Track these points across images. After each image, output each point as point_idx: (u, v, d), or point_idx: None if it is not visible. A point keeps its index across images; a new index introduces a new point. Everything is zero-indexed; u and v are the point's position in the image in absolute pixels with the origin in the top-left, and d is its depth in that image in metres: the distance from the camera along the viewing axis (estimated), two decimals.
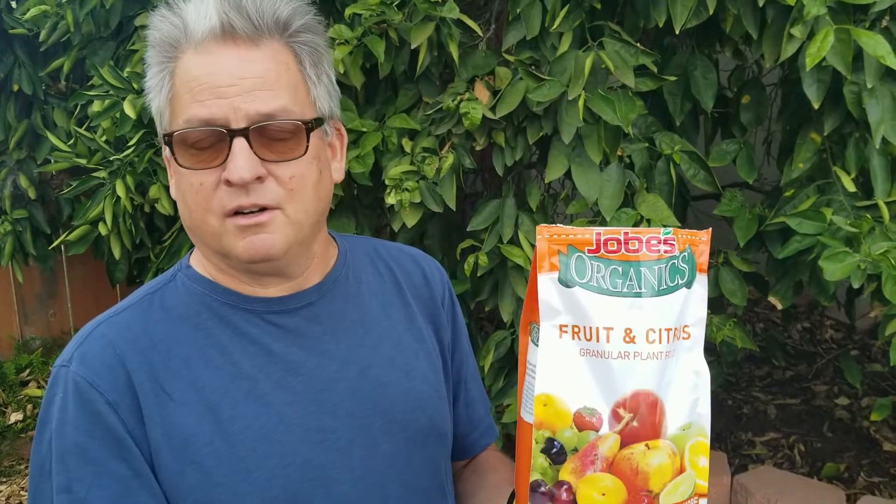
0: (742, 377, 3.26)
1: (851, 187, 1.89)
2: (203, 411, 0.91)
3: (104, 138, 2.21)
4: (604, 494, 0.82)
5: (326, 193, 0.97)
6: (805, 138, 1.93)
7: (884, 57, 1.65)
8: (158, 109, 0.95)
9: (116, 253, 2.41)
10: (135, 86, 2.09)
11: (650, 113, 2.02)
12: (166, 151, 0.94)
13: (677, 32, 1.73)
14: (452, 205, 1.99)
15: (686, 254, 0.84)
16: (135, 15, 2.22)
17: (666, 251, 0.83)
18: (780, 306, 2.06)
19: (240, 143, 0.88)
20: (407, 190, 1.96)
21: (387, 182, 1.97)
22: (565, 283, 0.84)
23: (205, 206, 0.91)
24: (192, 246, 1.04)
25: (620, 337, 0.82)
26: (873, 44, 1.66)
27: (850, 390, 3.06)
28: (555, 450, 0.83)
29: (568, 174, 1.93)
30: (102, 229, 2.32)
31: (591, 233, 0.83)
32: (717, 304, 2.13)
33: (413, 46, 1.88)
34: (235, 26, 0.89)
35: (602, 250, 0.83)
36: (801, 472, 2.66)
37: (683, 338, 0.85)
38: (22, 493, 2.97)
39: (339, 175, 1.02)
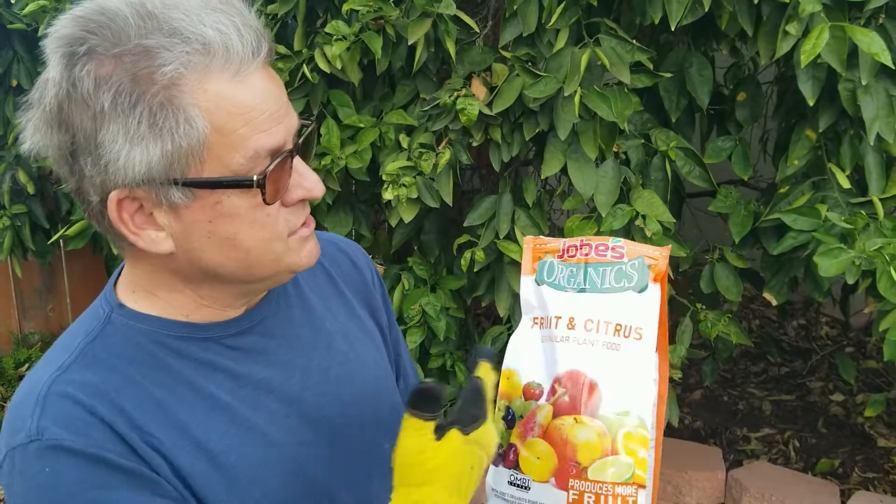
0: (738, 373, 3.27)
1: (846, 184, 1.90)
2: (193, 450, 0.86)
3: None
4: (538, 458, 0.95)
5: None
6: (800, 135, 1.94)
7: (878, 54, 1.66)
8: (168, 154, 0.78)
9: (114, 249, 2.41)
10: None
11: (646, 109, 2.02)
12: (213, 198, 0.81)
13: (673, 29, 1.74)
14: (449, 200, 2.00)
15: (637, 262, 0.97)
16: None
17: (613, 256, 0.98)
18: (774, 302, 2.07)
19: (299, 161, 0.86)
20: (404, 185, 1.97)
21: (384, 177, 1.98)
22: (538, 282, 1.01)
23: (269, 235, 0.85)
24: None
25: (565, 324, 0.97)
26: (868, 41, 1.66)
27: (845, 387, 3.07)
28: (509, 416, 0.98)
29: (564, 170, 1.94)
30: None
31: (560, 242, 1.00)
32: (712, 299, 2.14)
33: (410, 42, 1.89)
34: (271, 49, 0.84)
35: (565, 255, 1.00)
36: (795, 467, 2.67)
37: (635, 338, 0.96)
38: None
39: None
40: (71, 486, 0.80)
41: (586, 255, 0.98)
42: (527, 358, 0.99)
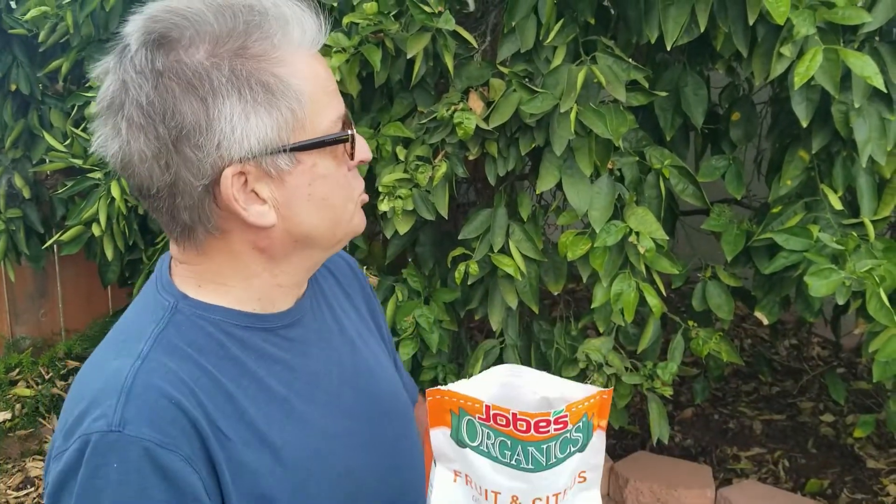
0: (729, 392, 3.27)
1: (838, 205, 1.92)
2: (258, 444, 0.87)
3: None
4: None
5: None
6: (793, 156, 1.96)
7: (871, 77, 1.68)
8: (279, 123, 0.84)
9: (109, 254, 2.42)
10: None
11: (641, 127, 2.04)
12: (326, 162, 0.88)
13: (669, 49, 1.76)
14: (445, 213, 2.01)
15: (581, 422, 0.84)
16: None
17: (557, 429, 0.82)
18: (766, 321, 2.08)
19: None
20: (400, 197, 1.98)
21: (380, 189, 1.99)
22: (458, 441, 0.85)
23: (348, 194, 0.93)
24: None
25: (507, 501, 0.84)
26: (861, 64, 1.68)
27: (836, 407, 3.08)
28: None
29: (559, 185, 1.95)
30: (96, 230, 2.34)
31: (482, 403, 0.83)
32: (704, 317, 2.15)
33: (409, 56, 1.90)
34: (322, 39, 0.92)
35: (492, 421, 0.83)
36: (785, 487, 2.67)
37: (578, 482, 0.87)
38: (8, 491, 2.97)
39: None
40: (132, 493, 0.79)
41: (524, 431, 0.81)
42: None
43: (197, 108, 0.81)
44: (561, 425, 0.82)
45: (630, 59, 1.89)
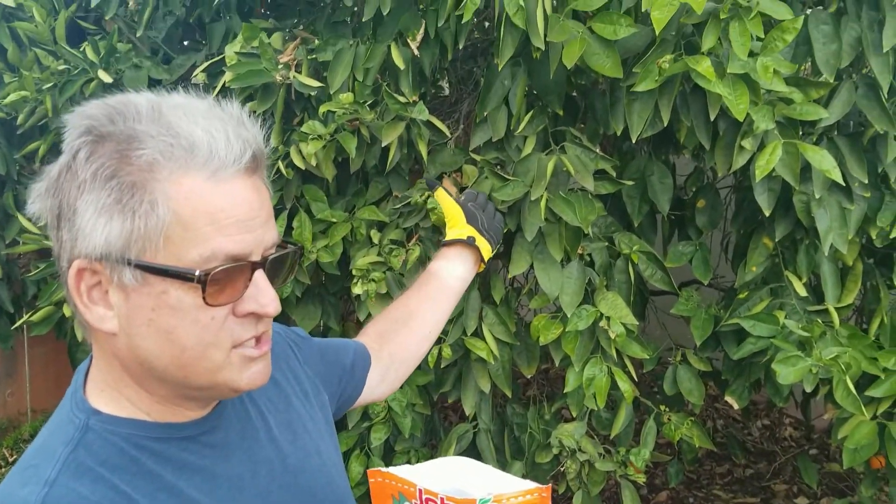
0: (703, 474, 3.26)
1: (803, 291, 1.96)
2: None
3: None
4: None
5: None
6: (758, 243, 2.01)
7: (829, 171, 1.74)
8: (127, 232, 0.81)
9: (79, 335, 2.39)
10: None
11: (609, 213, 2.09)
12: (160, 286, 0.83)
13: (634, 141, 1.81)
14: None
15: None
16: None
17: None
18: (736, 406, 2.10)
19: (260, 275, 0.86)
20: (374, 280, 2.00)
21: (354, 272, 2.00)
22: None
23: (209, 340, 0.85)
24: None
25: None
26: (819, 158, 1.75)
27: (810, 490, 3.07)
28: None
29: (531, 269, 1.98)
30: (66, 311, 2.32)
31: (415, 487, 0.87)
32: (676, 400, 2.16)
33: (384, 144, 1.95)
34: (257, 156, 0.86)
35: None
36: None
37: None
38: None
39: None
40: None
41: None
42: None
43: (73, 194, 0.83)
44: None
45: (597, 149, 1.95)
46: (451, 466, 0.90)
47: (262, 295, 0.86)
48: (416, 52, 1.94)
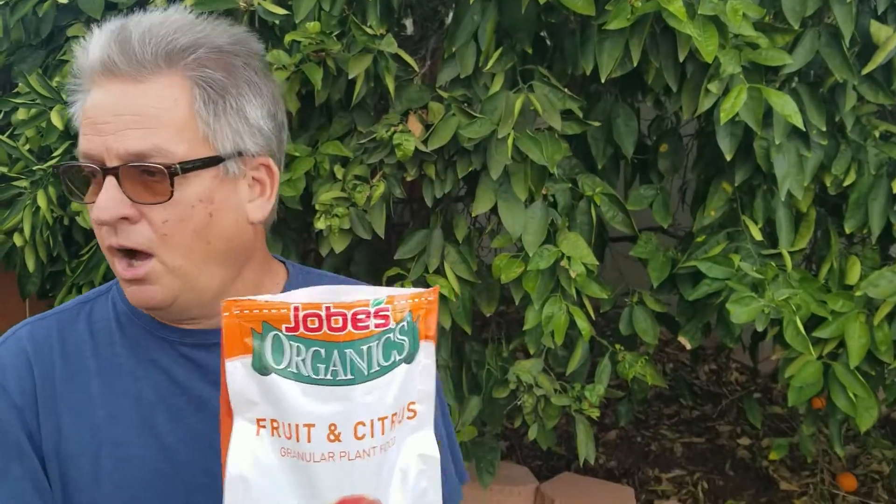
0: (651, 415, 3.36)
1: (758, 236, 2.01)
2: (92, 433, 0.90)
3: (27, 147, 2.16)
4: None
5: (223, 236, 0.90)
6: (717, 188, 2.05)
7: (791, 116, 1.78)
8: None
9: (30, 265, 2.34)
10: (63, 96, 2.06)
11: (574, 155, 2.10)
12: None
13: (603, 81, 1.82)
14: (381, 233, 2.02)
15: (405, 323, 0.73)
16: (67, 25, 2.19)
17: (378, 325, 0.71)
18: (688, 346, 2.16)
19: (109, 182, 0.85)
20: (337, 216, 1.99)
21: (317, 207, 1.99)
22: (260, 369, 0.71)
23: (99, 236, 0.89)
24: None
25: (324, 435, 0.71)
26: (782, 103, 1.78)
27: (752, 431, 3.19)
28: None
29: (494, 209, 1.99)
30: (18, 240, 2.26)
31: (289, 307, 0.70)
32: (630, 341, 2.21)
33: (350, 77, 1.92)
34: (117, 62, 0.86)
35: (301, 328, 0.70)
36: None
37: (408, 417, 0.76)
38: None
39: (258, 213, 0.94)
40: None
41: (339, 329, 0.70)
42: (264, 488, 0.72)
43: None
44: (382, 320, 0.71)
45: (565, 89, 1.95)
46: (326, 288, 0.77)
47: (99, 200, 0.86)
48: None
